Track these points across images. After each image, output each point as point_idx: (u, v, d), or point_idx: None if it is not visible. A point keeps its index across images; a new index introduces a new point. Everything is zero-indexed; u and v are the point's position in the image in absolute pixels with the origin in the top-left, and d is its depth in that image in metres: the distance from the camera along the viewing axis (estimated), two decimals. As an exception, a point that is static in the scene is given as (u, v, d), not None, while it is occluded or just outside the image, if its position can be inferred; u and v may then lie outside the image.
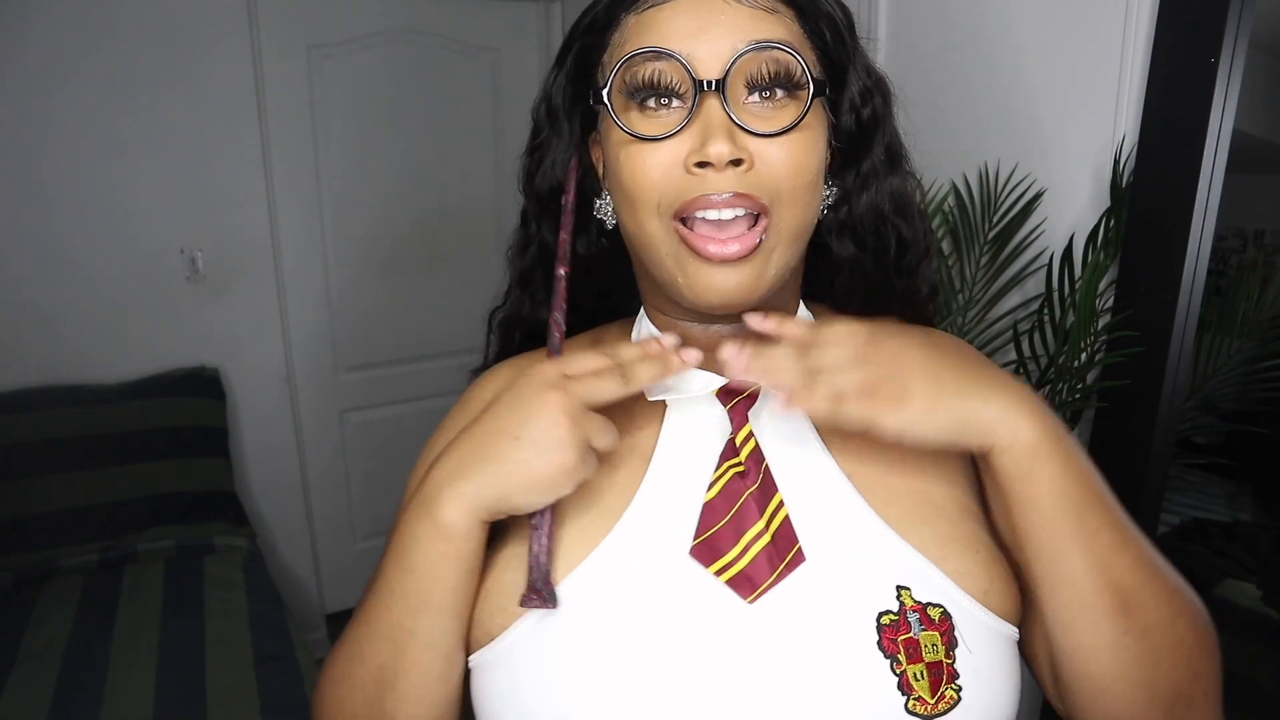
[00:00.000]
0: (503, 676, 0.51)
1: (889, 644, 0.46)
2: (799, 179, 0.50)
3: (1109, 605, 0.48)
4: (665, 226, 0.51)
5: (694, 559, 0.50)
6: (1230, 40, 1.03)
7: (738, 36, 0.49)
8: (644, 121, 0.51)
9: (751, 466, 0.52)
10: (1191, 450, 1.50)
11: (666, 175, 0.50)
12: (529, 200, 0.62)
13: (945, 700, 0.46)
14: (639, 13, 0.51)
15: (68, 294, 2.16)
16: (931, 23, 1.42)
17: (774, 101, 0.50)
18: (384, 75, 2.44)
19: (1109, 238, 1.17)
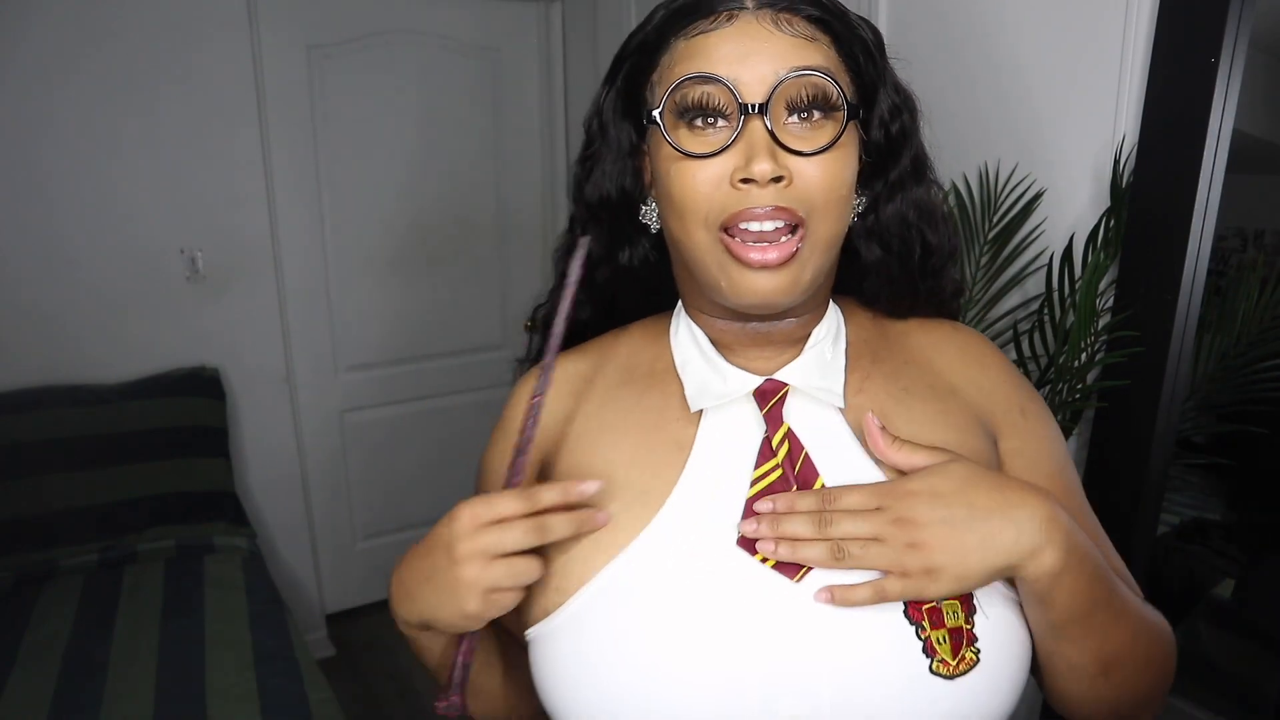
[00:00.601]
0: (558, 649, 0.56)
1: (914, 612, 0.52)
2: (833, 194, 0.55)
3: (1095, 672, 0.56)
4: (711, 236, 0.55)
5: (740, 549, 0.55)
6: (1230, 40, 1.03)
7: (780, 63, 0.54)
8: (692, 139, 0.55)
9: (788, 466, 0.57)
10: (1191, 450, 1.50)
11: (714, 189, 0.54)
12: (578, 207, 0.66)
13: (965, 662, 0.52)
14: (689, 38, 0.56)
15: (68, 294, 2.16)
16: (931, 23, 1.42)
17: (812, 122, 0.55)
18: (384, 75, 2.44)
19: (1109, 238, 1.17)
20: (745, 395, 0.60)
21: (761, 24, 0.55)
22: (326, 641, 2.66)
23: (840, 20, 0.57)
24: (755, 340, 0.61)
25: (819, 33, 0.56)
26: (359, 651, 2.64)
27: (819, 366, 0.61)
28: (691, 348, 0.63)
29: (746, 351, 0.61)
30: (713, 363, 0.61)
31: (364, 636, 2.70)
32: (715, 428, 0.60)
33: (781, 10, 0.55)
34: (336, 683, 2.43)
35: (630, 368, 0.65)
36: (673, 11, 0.57)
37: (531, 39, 2.64)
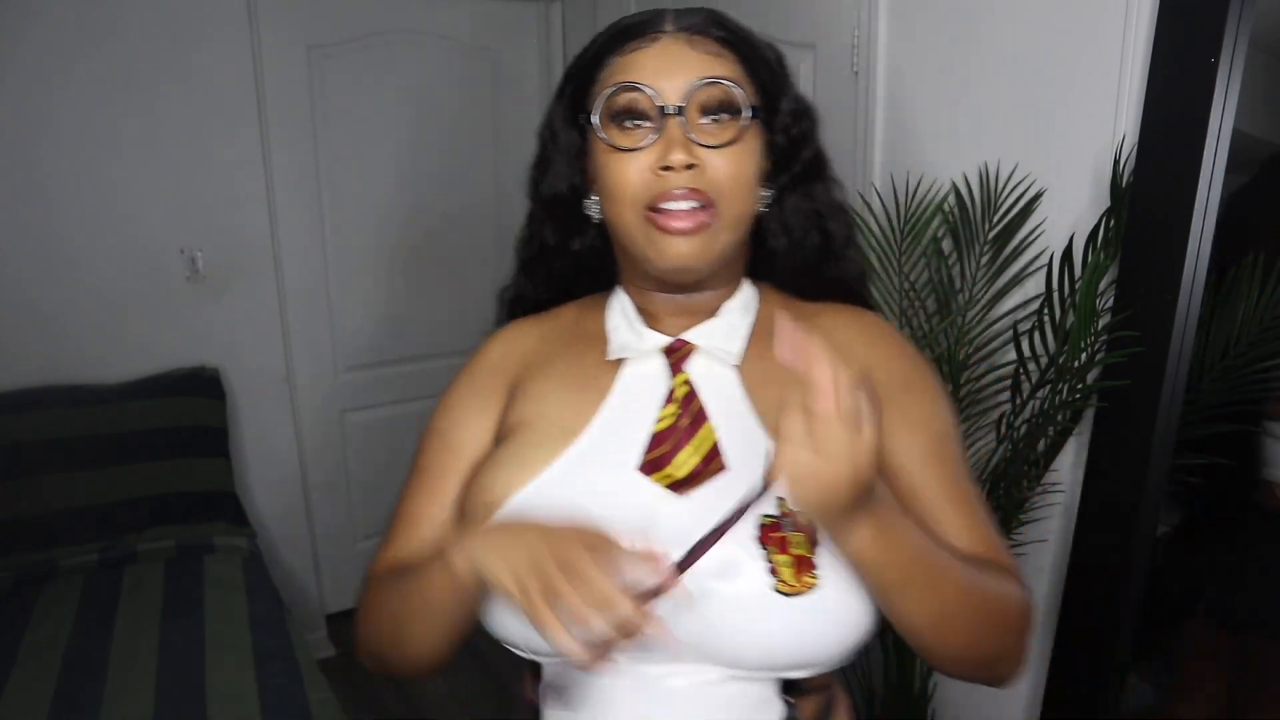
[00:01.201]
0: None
1: (765, 538, 0.63)
2: (737, 180, 0.67)
3: (925, 627, 0.64)
4: (639, 215, 0.67)
5: (641, 474, 0.67)
6: (1230, 40, 1.03)
7: (693, 74, 0.66)
8: (622, 136, 0.67)
9: (685, 407, 0.69)
10: (1192, 450, 1.49)
11: (640, 177, 0.66)
12: (535, 205, 0.78)
13: (805, 584, 0.62)
14: (622, 55, 0.68)
15: (68, 294, 2.16)
16: (931, 23, 1.42)
17: (720, 122, 0.67)
18: (384, 75, 2.44)
19: (1109, 238, 1.17)
20: (657, 351, 0.72)
21: (679, 44, 0.68)
22: (326, 641, 2.66)
23: (744, 42, 0.70)
24: (677, 309, 0.73)
25: (726, 51, 0.69)
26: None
27: (724, 331, 0.72)
28: (620, 315, 0.75)
29: (669, 320, 0.74)
30: (633, 325, 0.74)
31: (364, 636, 2.70)
32: (631, 378, 0.73)
33: (695, 33, 0.68)
34: (336, 683, 2.43)
35: (574, 331, 0.78)
36: (610, 36, 0.70)
37: (531, 39, 2.64)
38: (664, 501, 0.66)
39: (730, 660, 0.64)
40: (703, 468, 0.66)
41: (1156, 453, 1.15)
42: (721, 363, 0.72)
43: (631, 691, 0.66)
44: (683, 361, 0.72)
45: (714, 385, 0.70)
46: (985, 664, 0.67)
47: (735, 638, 0.63)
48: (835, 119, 1.61)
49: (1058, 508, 1.34)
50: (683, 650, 0.63)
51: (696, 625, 0.62)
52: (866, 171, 1.56)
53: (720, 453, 0.67)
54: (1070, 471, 1.32)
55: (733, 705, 0.65)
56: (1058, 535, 1.35)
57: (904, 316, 1.37)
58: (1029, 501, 1.30)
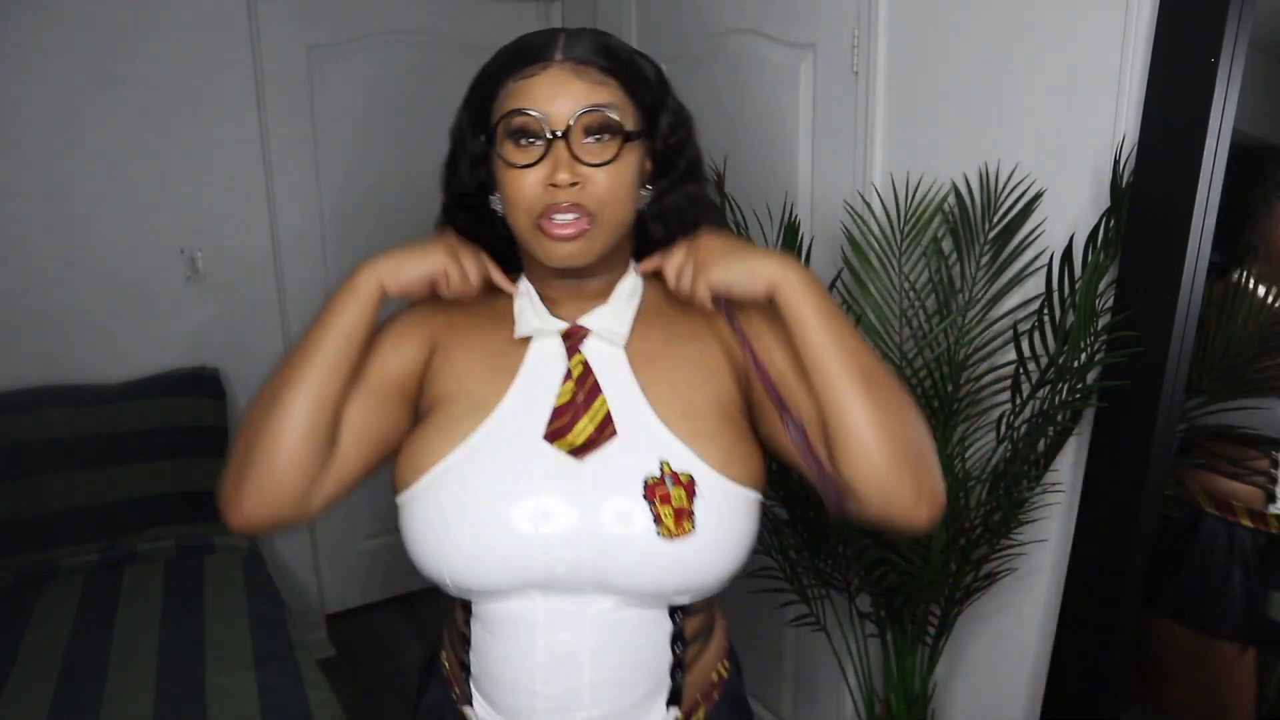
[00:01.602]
0: (417, 510, 0.80)
1: (649, 492, 0.76)
2: (615, 193, 0.77)
3: (858, 381, 0.75)
4: (531, 222, 0.77)
5: (546, 441, 0.78)
6: (1230, 40, 1.03)
7: (577, 102, 0.75)
8: (518, 153, 0.77)
9: (581, 384, 0.80)
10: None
11: (532, 190, 0.76)
12: (447, 198, 0.88)
13: (683, 530, 0.75)
14: (516, 80, 0.78)
15: (68, 294, 2.16)
16: (931, 23, 1.42)
17: (602, 142, 0.77)
18: (384, 75, 2.44)
19: (1109, 238, 1.17)
20: (556, 334, 0.83)
21: (565, 73, 0.76)
22: (326, 641, 2.65)
23: (625, 68, 0.78)
24: (572, 294, 0.84)
25: (608, 78, 0.77)
26: (359, 651, 2.64)
27: (613, 315, 0.84)
28: (525, 299, 0.85)
29: (566, 303, 0.84)
30: (537, 308, 0.84)
31: (364, 636, 2.70)
32: (536, 357, 0.83)
33: (579, 63, 0.76)
34: (336, 683, 2.43)
35: (487, 308, 0.88)
36: (506, 60, 0.79)
37: (531, 39, 2.64)
38: (566, 464, 0.78)
39: (626, 590, 0.78)
40: (597, 435, 0.78)
41: (1156, 453, 1.15)
42: (611, 344, 0.83)
43: (546, 620, 0.80)
44: (579, 344, 0.83)
45: (605, 363, 0.82)
46: (908, 444, 0.76)
47: (629, 573, 0.77)
48: (835, 119, 1.61)
49: (1058, 508, 1.34)
50: (588, 584, 0.78)
51: (599, 563, 0.77)
52: (866, 171, 1.56)
53: (612, 421, 0.79)
54: (1070, 471, 1.32)
55: (630, 625, 0.81)
56: (1058, 535, 1.35)
57: (904, 316, 1.37)
58: (1029, 501, 1.30)
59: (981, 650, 1.54)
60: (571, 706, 0.81)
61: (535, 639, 0.80)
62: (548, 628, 0.80)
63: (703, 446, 0.79)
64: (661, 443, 0.79)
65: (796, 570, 1.55)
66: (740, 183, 1.71)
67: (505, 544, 0.77)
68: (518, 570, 0.77)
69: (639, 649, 0.82)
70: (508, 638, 0.81)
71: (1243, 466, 1.28)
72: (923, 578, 1.29)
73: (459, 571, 0.78)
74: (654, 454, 0.78)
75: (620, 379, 0.82)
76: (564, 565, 0.77)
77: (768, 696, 2.09)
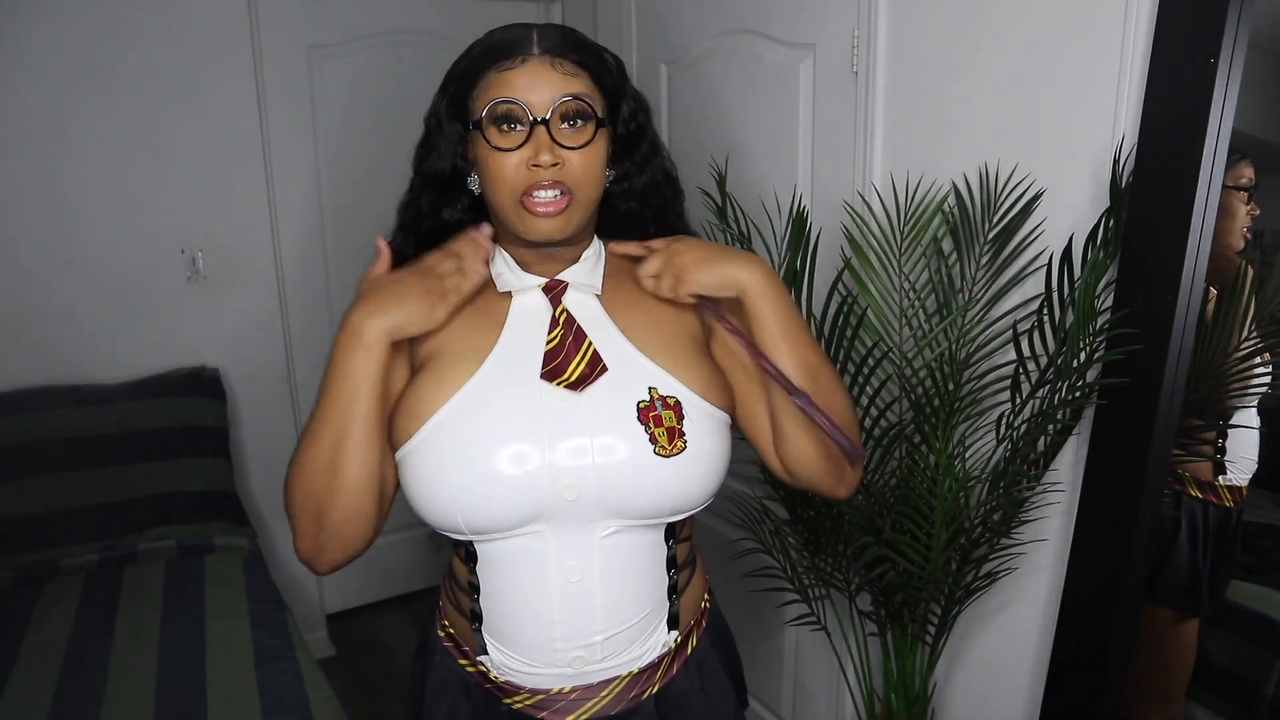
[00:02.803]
0: (420, 460, 0.84)
1: (643, 416, 0.85)
2: (590, 173, 0.87)
3: (804, 378, 0.86)
4: (515, 200, 0.85)
5: (544, 380, 0.86)
6: (1230, 40, 1.03)
7: (555, 91, 0.84)
8: (501, 138, 0.85)
9: (568, 328, 0.89)
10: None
11: (516, 171, 0.84)
12: (418, 178, 0.95)
13: (677, 448, 0.84)
14: (498, 72, 0.86)
15: (69, 294, 2.16)
16: (931, 23, 1.43)
17: (576, 128, 0.86)
18: (384, 75, 2.44)
19: (1108, 237, 1.17)
20: (537, 289, 0.91)
21: (543, 65, 0.85)
22: (326, 641, 2.66)
23: (595, 61, 0.88)
24: (543, 259, 0.93)
25: (580, 70, 0.87)
26: (359, 651, 2.64)
27: (585, 271, 0.93)
28: (502, 264, 0.93)
29: (538, 266, 0.93)
30: (514, 270, 0.93)
31: (364, 636, 2.70)
32: (518, 311, 0.91)
33: (556, 57, 0.85)
34: (336, 683, 2.43)
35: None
36: (486, 52, 0.87)
37: (531, 39, 2.64)
38: (566, 399, 0.86)
39: (628, 512, 0.85)
40: (589, 371, 0.87)
41: (1156, 453, 1.15)
42: (588, 294, 0.93)
43: (557, 550, 0.86)
44: (560, 295, 0.92)
45: (584, 312, 0.91)
46: (845, 425, 0.89)
47: (632, 493, 0.84)
48: (835, 119, 1.62)
49: (1058, 508, 1.34)
50: (594, 509, 0.84)
51: (603, 487, 0.84)
52: (866, 171, 1.56)
53: (601, 358, 0.87)
54: (1070, 471, 1.32)
55: (632, 548, 0.88)
56: (1058, 535, 1.36)
57: (904, 316, 1.37)
58: (1029, 501, 1.30)
59: (981, 650, 1.54)
60: (586, 630, 0.88)
61: (548, 570, 0.86)
62: (559, 557, 0.86)
63: (684, 374, 0.89)
64: (648, 373, 0.88)
65: (796, 570, 1.55)
66: (740, 183, 1.71)
67: (517, 480, 0.82)
68: (530, 503, 0.83)
69: (640, 571, 0.90)
70: (521, 573, 0.87)
71: (1190, 437, 1.28)
72: (923, 577, 1.29)
73: (474, 512, 0.83)
74: (643, 383, 0.87)
75: (601, 323, 0.91)
76: (573, 492, 0.83)
77: (768, 696, 2.09)
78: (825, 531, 1.44)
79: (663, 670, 0.95)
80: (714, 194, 1.52)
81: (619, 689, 0.92)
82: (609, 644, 0.90)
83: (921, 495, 1.22)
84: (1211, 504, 1.31)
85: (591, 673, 0.91)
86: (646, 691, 0.94)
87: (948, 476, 1.18)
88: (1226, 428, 1.29)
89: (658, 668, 0.94)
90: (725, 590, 2.13)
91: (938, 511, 1.21)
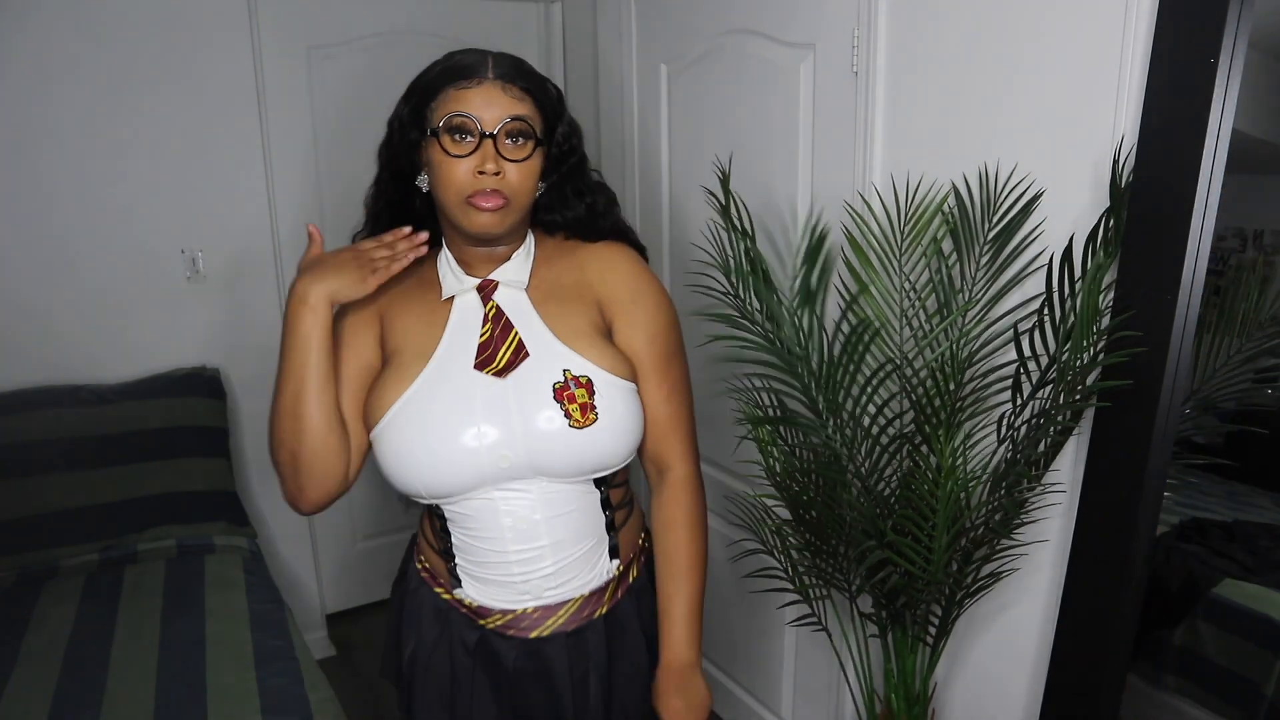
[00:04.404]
0: (389, 438, 1.02)
1: (558, 395, 1.01)
2: (524, 183, 1.03)
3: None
4: (461, 201, 1.00)
5: (476, 370, 1.03)
6: (1230, 40, 1.03)
7: (503, 112, 1.00)
8: (454, 145, 0.99)
9: (497, 321, 1.06)
10: (1191, 450, 1.50)
11: (464, 176, 0.99)
12: (383, 173, 1.11)
13: (589, 419, 1.01)
14: (455, 89, 1.00)
15: (69, 294, 2.16)
16: (931, 23, 1.43)
17: (518, 144, 1.01)
18: (384, 75, 2.43)
19: (1108, 238, 1.17)
20: (473, 289, 1.08)
21: (495, 88, 1.00)
22: (326, 641, 2.66)
23: (539, 90, 1.03)
24: (483, 258, 1.09)
25: (526, 95, 1.02)
26: (359, 651, 2.64)
27: (515, 269, 1.09)
28: (445, 266, 1.10)
29: (479, 265, 1.09)
30: (455, 272, 1.09)
31: (364, 636, 2.70)
32: (461, 309, 1.08)
33: (507, 82, 1.01)
34: (336, 683, 2.43)
35: (417, 277, 1.11)
36: (446, 71, 1.01)
37: (531, 39, 2.64)
38: (494, 385, 1.03)
39: (555, 472, 1.04)
40: (514, 358, 1.03)
41: (1156, 453, 1.15)
42: (516, 289, 1.08)
43: (504, 505, 1.05)
44: (491, 293, 1.08)
45: (512, 305, 1.08)
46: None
47: (554, 459, 1.02)
48: (835, 119, 1.61)
49: (1058, 508, 1.34)
50: (527, 472, 1.03)
51: (531, 456, 1.02)
52: (866, 171, 1.56)
53: (524, 346, 1.04)
54: (1070, 471, 1.32)
55: (567, 496, 1.07)
56: (1058, 535, 1.36)
57: (904, 317, 1.37)
58: (1029, 501, 1.30)
59: (982, 650, 1.54)
60: (538, 562, 1.08)
61: (500, 521, 1.06)
62: (507, 510, 1.05)
63: (594, 355, 1.05)
64: (563, 357, 1.04)
65: (797, 570, 1.55)
66: (740, 183, 1.71)
67: (461, 456, 1.01)
68: (474, 471, 1.02)
69: (578, 512, 1.08)
70: (479, 526, 1.06)
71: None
72: (924, 578, 1.29)
73: (430, 483, 1.02)
74: (558, 366, 1.03)
75: (526, 314, 1.08)
76: (506, 462, 1.02)
77: (768, 696, 2.09)
78: (827, 533, 1.44)
79: (609, 595, 1.15)
80: (717, 192, 1.52)
81: (573, 609, 1.12)
82: (560, 573, 1.09)
83: (923, 497, 1.22)
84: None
85: (549, 596, 1.10)
86: (596, 611, 1.14)
87: (950, 478, 1.18)
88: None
89: (604, 592, 1.14)
90: (726, 590, 2.13)
91: (940, 513, 1.20)
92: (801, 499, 1.45)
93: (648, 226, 2.23)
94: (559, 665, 1.12)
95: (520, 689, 1.14)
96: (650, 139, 2.16)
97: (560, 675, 1.13)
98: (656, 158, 2.15)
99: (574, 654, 1.13)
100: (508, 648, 1.12)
